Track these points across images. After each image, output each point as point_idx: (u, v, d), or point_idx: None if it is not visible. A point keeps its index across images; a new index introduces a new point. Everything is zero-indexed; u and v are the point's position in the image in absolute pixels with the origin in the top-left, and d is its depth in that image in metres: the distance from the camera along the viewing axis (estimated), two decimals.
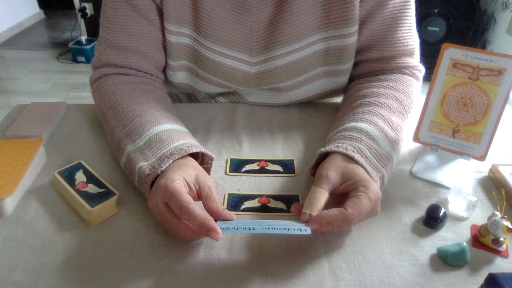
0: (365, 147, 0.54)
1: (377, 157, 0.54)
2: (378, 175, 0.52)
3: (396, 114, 0.62)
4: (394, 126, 0.59)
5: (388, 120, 0.59)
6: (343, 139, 0.56)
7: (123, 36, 0.67)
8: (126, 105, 0.62)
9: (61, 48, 3.45)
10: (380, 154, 0.54)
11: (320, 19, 0.67)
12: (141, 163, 0.53)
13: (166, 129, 0.57)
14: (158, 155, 0.53)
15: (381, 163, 0.54)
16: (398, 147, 0.59)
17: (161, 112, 0.62)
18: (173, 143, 0.54)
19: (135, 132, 0.57)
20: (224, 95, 0.80)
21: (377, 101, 0.63)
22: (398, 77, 0.68)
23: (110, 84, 0.67)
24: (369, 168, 0.51)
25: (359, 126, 0.57)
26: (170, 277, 0.45)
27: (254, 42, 0.69)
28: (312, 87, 0.75)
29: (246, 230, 0.44)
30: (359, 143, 0.54)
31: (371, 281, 0.45)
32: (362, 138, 0.55)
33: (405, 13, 0.67)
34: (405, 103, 0.64)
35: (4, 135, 0.66)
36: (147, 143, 0.55)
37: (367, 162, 0.52)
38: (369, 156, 0.53)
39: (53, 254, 0.47)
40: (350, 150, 0.52)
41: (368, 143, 0.54)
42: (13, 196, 0.53)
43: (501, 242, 0.48)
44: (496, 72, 0.56)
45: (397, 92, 0.65)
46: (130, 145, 0.56)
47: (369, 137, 0.56)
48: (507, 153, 0.66)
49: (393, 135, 0.58)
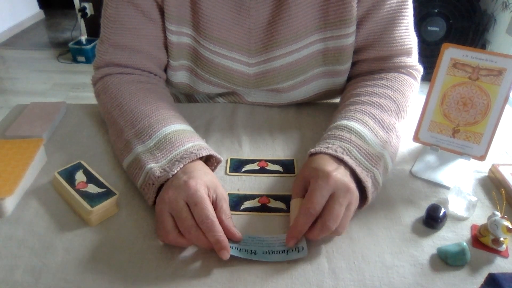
0: (354, 148, 0.54)
1: (367, 157, 0.54)
2: (369, 175, 0.52)
3: (389, 113, 0.61)
4: (385, 125, 0.59)
5: (380, 119, 0.59)
6: (333, 139, 0.56)
7: (126, 36, 0.67)
8: (134, 105, 0.62)
9: (61, 48, 3.45)
10: (370, 153, 0.54)
11: (318, 20, 0.67)
12: (151, 164, 0.53)
13: (175, 130, 0.57)
14: (168, 158, 0.53)
15: (371, 163, 0.53)
16: (390, 146, 0.58)
17: (169, 111, 0.62)
18: (183, 145, 0.55)
19: (144, 133, 0.57)
20: (223, 95, 0.80)
21: (369, 100, 0.63)
22: (394, 76, 0.68)
23: (116, 83, 0.67)
24: (358, 169, 0.51)
25: (350, 125, 0.57)
26: (170, 277, 0.45)
27: (253, 43, 0.69)
28: (310, 88, 0.75)
29: (248, 254, 0.47)
30: (348, 144, 0.54)
31: (371, 281, 0.45)
32: (352, 139, 0.55)
33: (402, 13, 0.68)
34: (399, 102, 0.64)
35: (4, 135, 0.66)
36: (157, 145, 0.55)
37: (356, 163, 0.52)
38: (358, 157, 0.53)
39: (53, 254, 0.47)
40: (339, 152, 0.52)
41: (357, 143, 0.54)
42: (13, 196, 0.53)
43: (501, 242, 0.48)
44: (496, 72, 0.56)
45: (391, 90, 0.65)
46: (139, 146, 0.56)
47: (359, 136, 0.55)
48: (507, 153, 0.66)
49: (384, 135, 0.58)
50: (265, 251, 0.47)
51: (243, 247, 0.48)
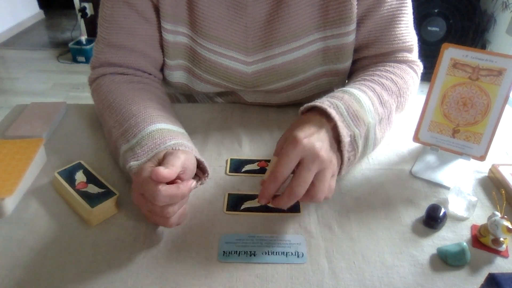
0: (343, 105, 0.53)
1: (352, 117, 0.53)
2: (349, 133, 0.52)
3: (389, 93, 0.61)
4: (383, 101, 0.59)
5: (379, 94, 0.59)
6: (325, 98, 0.55)
7: (121, 35, 0.67)
8: (123, 105, 0.61)
9: (61, 48, 3.45)
10: (357, 115, 0.53)
11: (318, 18, 0.67)
12: (131, 162, 0.52)
13: (159, 129, 0.56)
14: (149, 155, 0.52)
15: (354, 123, 0.53)
16: (383, 122, 0.58)
17: (157, 111, 0.61)
18: (164, 143, 0.53)
19: (129, 131, 0.57)
20: (222, 95, 0.80)
21: (371, 78, 0.63)
22: (397, 65, 0.68)
23: (107, 84, 0.67)
24: (340, 124, 0.51)
25: (345, 89, 0.57)
26: (170, 277, 0.45)
27: (250, 41, 0.69)
28: (310, 87, 0.75)
29: (247, 257, 0.47)
30: (338, 101, 0.54)
31: (371, 281, 0.45)
32: (344, 97, 0.55)
33: (402, 11, 0.68)
34: (400, 86, 0.64)
35: (4, 135, 0.66)
36: (139, 142, 0.54)
37: (341, 118, 0.52)
38: (344, 114, 0.52)
39: (53, 254, 0.47)
40: (326, 105, 0.52)
41: (347, 101, 0.54)
42: (13, 196, 0.53)
43: (501, 242, 0.48)
44: (496, 72, 0.56)
45: (393, 75, 0.65)
46: (124, 145, 0.56)
47: (353, 97, 0.55)
48: (507, 153, 0.66)
49: (380, 110, 0.58)
50: (264, 251, 0.48)
51: (242, 248, 0.48)
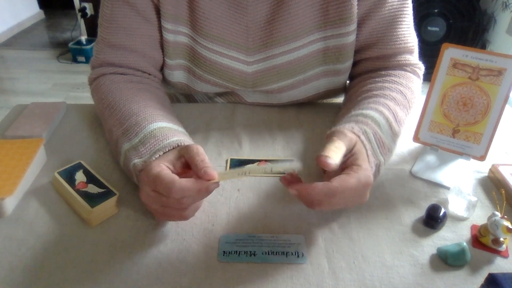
0: (371, 131, 0.54)
1: (379, 144, 0.54)
2: (375, 162, 0.52)
3: (401, 107, 0.62)
4: (398, 119, 0.60)
5: (394, 111, 0.60)
6: (350, 122, 0.56)
7: (121, 35, 0.67)
8: (123, 104, 0.61)
9: (61, 48, 3.45)
10: (382, 142, 0.55)
11: (318, 18, 0.67)
12: (135, 160, 0.53)
13: (161, 127, 0.56)
14: (152, 152, 0.52)
15: (381, 151, 0.54)
16: (397, 140, 0.59)
17: (157, 110, 0.61)
18: (167, 139, 0.54)
19: (131, 131, 0.57)
20: (222, 95, 0.80)
21: (382, 93, 0.63)
22: (401, 73, 0.68)
23: (107, 84, 0.67)
24: (369, 152, 0.51)
25: (365, 113, 0.57)
26: (170, 277, 0.45)
27: (251, 41, 0.69)
28: (311, 87, 0.75)
29: (247, 257, 0.47)
30: (365, 126, 0.54)
31: (371, 281, 0.45)
32: (369, 122, 0.55)
33: (403, 12, 0.68)
34: (409, 98, 0.64)
35: (4, 135, 0.66)
36: (141, 140, 0.55)
37: (369, 145, 0.52)
38: (372, 141, 0.53)
39: (53, 254, 0.47)
40: (356, 130, 0.52)
41: (373, 127, 0.55)
42: (13, 196, 0.53)
43: (501, 242, 0.48)
44: (496, 72, 0.56)
45: (401, 86, 0.65)
46: (126, 144, 0.56)
47: (375, 122, 0.56)
48: (507, 153, 0.66)
49: (396, 128, 0.58)
50: (265, 251, 0.48)
51: (242, 248, 0.48)
